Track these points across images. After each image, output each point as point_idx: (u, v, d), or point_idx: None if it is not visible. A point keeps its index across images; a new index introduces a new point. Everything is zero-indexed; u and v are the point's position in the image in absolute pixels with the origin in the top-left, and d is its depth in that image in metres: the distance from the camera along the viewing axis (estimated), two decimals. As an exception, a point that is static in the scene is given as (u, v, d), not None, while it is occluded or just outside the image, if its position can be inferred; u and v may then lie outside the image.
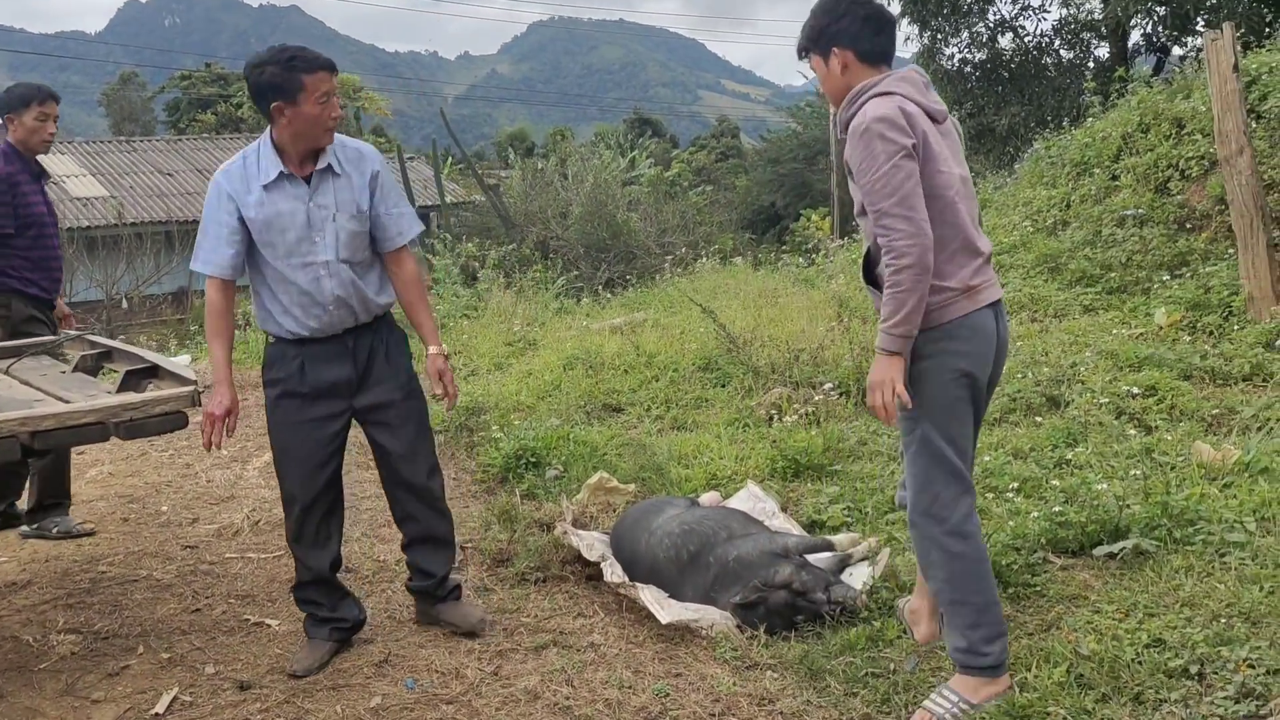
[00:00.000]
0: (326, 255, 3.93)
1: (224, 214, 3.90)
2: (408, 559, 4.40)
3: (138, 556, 5.36)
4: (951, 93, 23.09)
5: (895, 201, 3.15)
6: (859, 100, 3.33)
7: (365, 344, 4.09)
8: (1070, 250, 9.42)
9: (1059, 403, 6.40)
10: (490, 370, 8.35)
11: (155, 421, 3.87)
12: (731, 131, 65.60)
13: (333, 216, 3.94)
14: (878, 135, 3.17)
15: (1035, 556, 4.39)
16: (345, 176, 3.99)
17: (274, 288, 3.98)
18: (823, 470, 5.68)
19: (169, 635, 4.43)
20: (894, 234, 3.16)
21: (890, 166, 3.15)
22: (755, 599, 4.21)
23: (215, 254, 3.93)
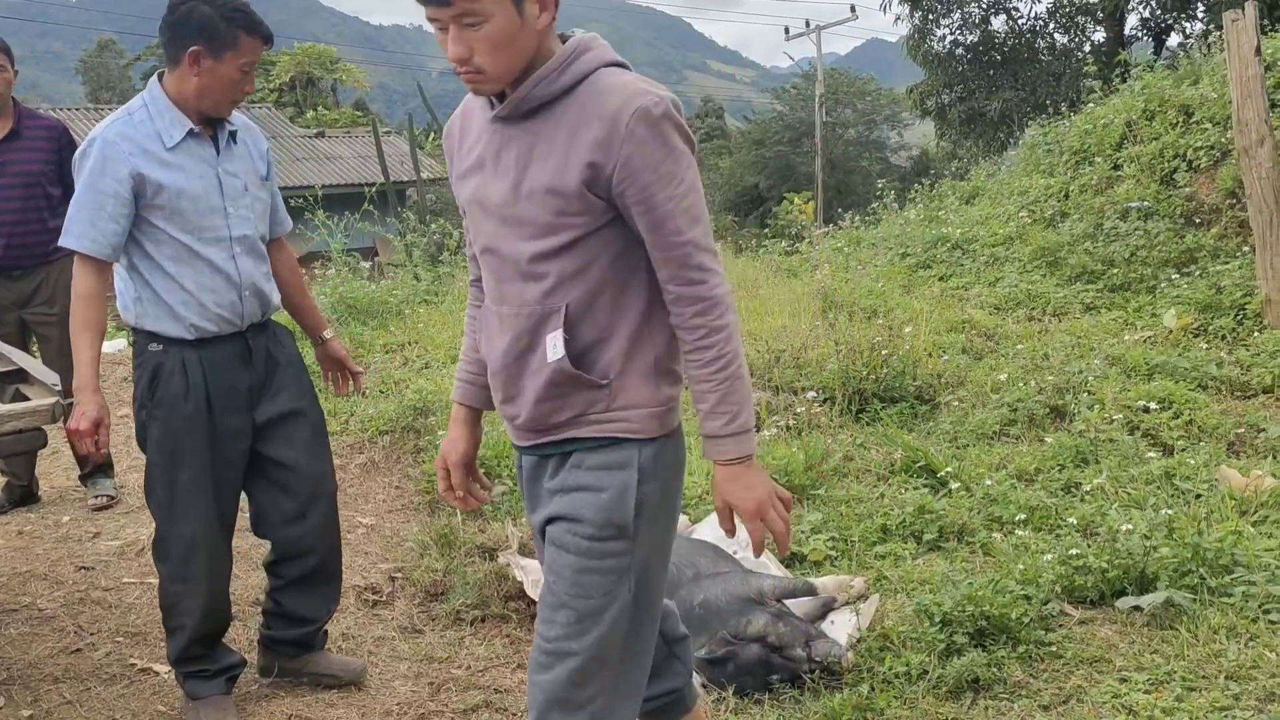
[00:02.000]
0: (242, 229, 3.36)
1: (113, 182, 3.18)
2: (273, 604, 3.69)
3: (24, 579, 4.71)
4: (942, 75, 22.55)
5: (705, 228, 2.16)
6: (589, 66, 2.13)
7: (263, 345, 3.49)
8: (1070, 244, 8.87)
9: (1064, 414, 5.83)
10: (445, 364, 7.70)
11: (6, 440, 3.22)
12: (716, 112, 64.86)
13: (245, 186, 3.39)
14: (677, 127, 2.10)
15: (1049, 607, 3.80)
16: (243, 145, 3.44)
17: (174, 270, 3.27)
18: (804, 492, 5.06)
19: (38, 684, 3.78)
20: (713, 278, 2.14)
21: (695, 176, 2.15)
22: (724, 654, 3.60)
23: (97, 229, 3.19)
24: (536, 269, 2.16)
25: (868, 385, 6.25)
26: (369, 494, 5.72)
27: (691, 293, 2.12)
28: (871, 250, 10.76)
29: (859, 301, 8.11)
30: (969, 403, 6.10)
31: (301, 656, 3.71)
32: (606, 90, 2.08)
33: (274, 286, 3.52)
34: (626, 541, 2.21)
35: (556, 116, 2.11)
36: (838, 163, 36.49)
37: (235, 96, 3.27)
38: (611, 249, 2.14)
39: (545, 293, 2.16)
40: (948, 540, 4.50)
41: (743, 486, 2.21)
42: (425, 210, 16.22)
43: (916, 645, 3.61)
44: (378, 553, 4.91)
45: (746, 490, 2.20)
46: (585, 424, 2.20)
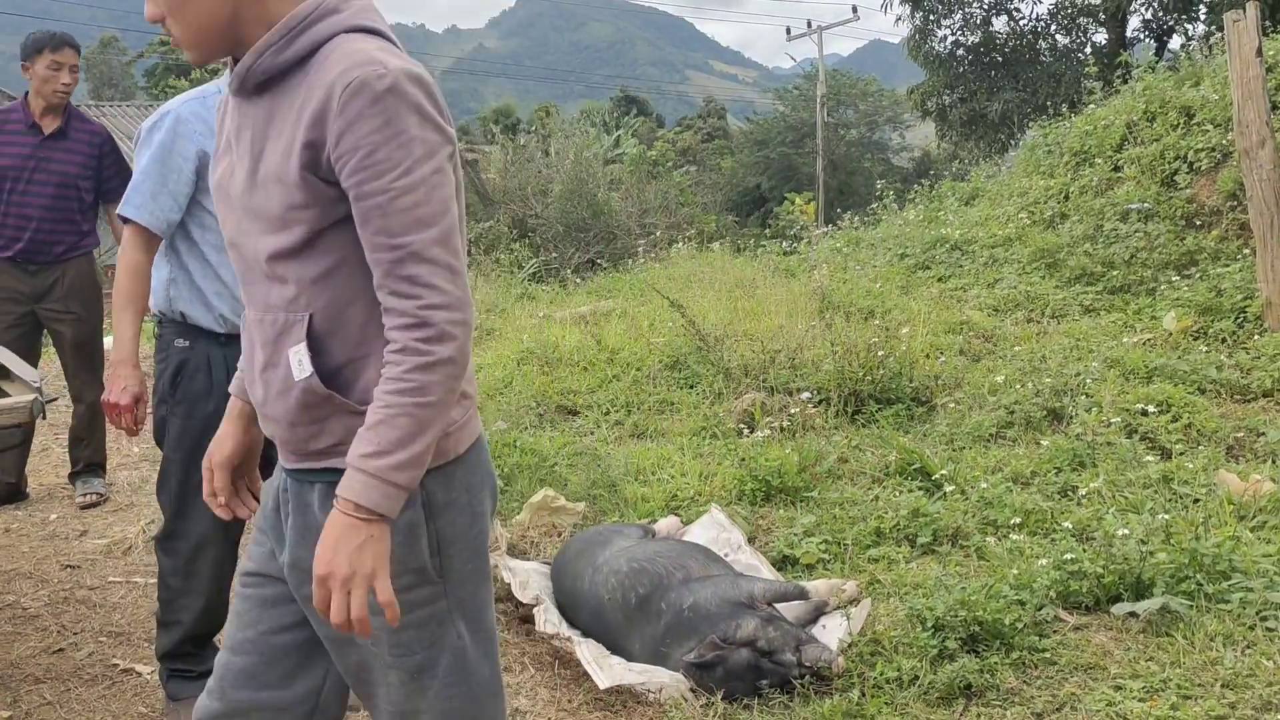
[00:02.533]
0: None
1: (180, 159, 3.13)
2: None
3: (8, 578, 4.66)
4: (943, 76, 22.48)
5: (438, 236, 1.75)
6: (327, 31, 1.81)
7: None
8: (1069, 245, 8.81)
9: (1062, 417, 5.77)
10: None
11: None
12: (718, 112, 64.79)
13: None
14: (414, 108, 1.74)
15: (1044, 613, 3.74)
16: None
17: (215, 259, 3.20)
18: (797, 495, 5.01)
19: (19, 684, 3.73)
20: (431, 295, 1.73)
21: (433, 171, 1.75)
22: (713, 658, 3.55)
23: (157, 203, 3.13)
24: (277, 270, 1.82)
25: (864, 386, 6.19)
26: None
27: (399, 306, 1.73)
28: (870, 251, 10.71)
29: (856, 302, 8.06)
30: (966, 405, 6.05)
31: None
32: (333, 59, 1.76)
33: None
34: (433, 586, 1.88)
35: (289, 92, 1.80)
36: (839, 163, 36.44)
37: None
38: (360, 250, 1.79)
39: (289, 300, 1.82)
40: (942, 544, 4.45)
41: (347, 544, 1.71)
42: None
43: (908, 650, 3.56)
44: (366, 553, 4.85)
45: (347, 550, 1.71)
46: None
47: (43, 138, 5.27)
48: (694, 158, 42.51)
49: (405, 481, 1.72)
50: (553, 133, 21.09)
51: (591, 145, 20.13)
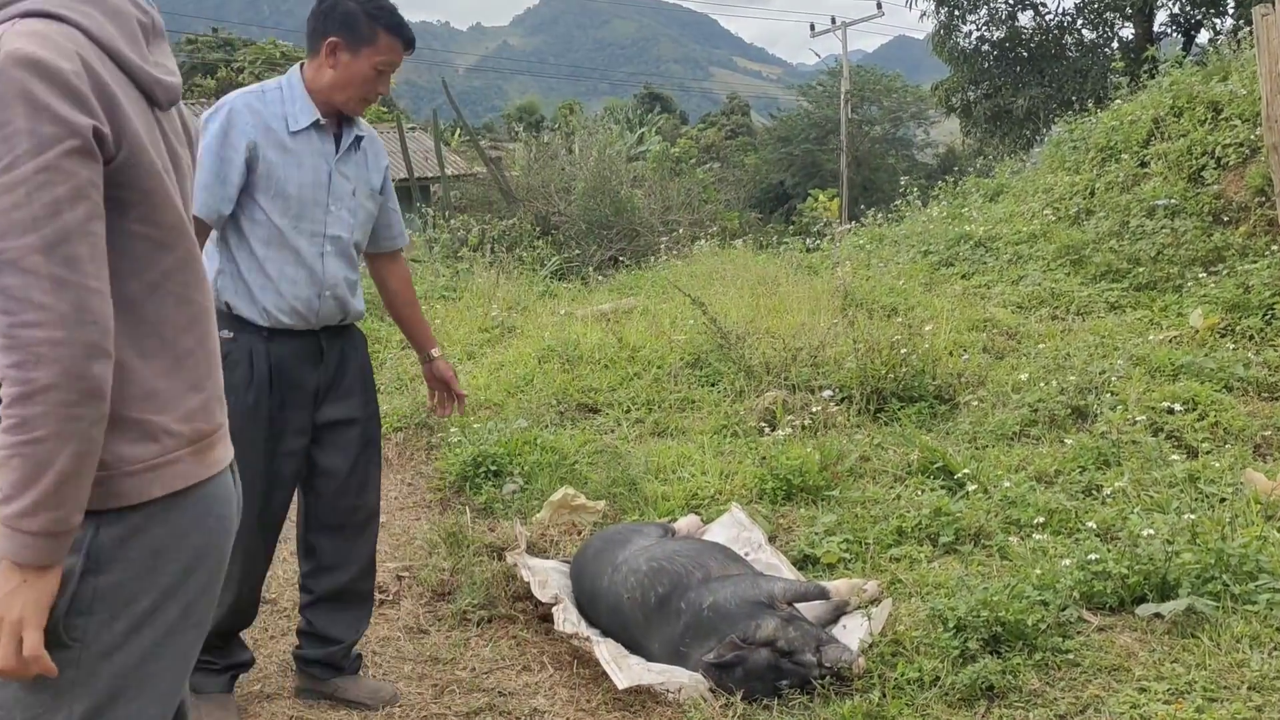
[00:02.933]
0: (338, 230, 3.34)
1: (231, 150, 3.17)
2: (305, 622, 3.61)
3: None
4: (968, 72, 22.36)
5: (39, 243, 1.51)
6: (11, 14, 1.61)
7: (337, 347, 3.46)
8: (1095, 242, 8.73)
9: (1086, 415, 5.72)
10: (461, 360, 7.66)
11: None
12: (742, 109, 64.76)
13: (354, 191, 3.38)
14: (23, 96, 1.51)
15: (1067, 613, 3.70)
16: (365, 154, 3.44)
17: (262, 253, 3.23)
18: (818, 494, 4.98)
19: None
20: (28, 312, 1.50)
21: (39, 169, 1.51)
22: (732, 658, 3.53)
23: (209, 192, 3.15)
24: None
25: (886, 384, 6.16)
26: (381, 491, 5.65)
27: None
28: (894, 248, 10.65)
29: (879, 299, 8.01)
30: (989, 403, 6.01)
31: (331, 680, 3.62)
32: None
33: (359, 296, 3.48)
34: (63, 650, 1.61)
35: None
36: (863, 160, 36.33)
37: (368, 95, 3.30)
38: None
39: None
40: (964, 543, 4.42)
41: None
42: (449, 206, 16.21)
43: (930, 651, 3.53)
44: (386, 551, 4.85)
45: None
46: None
47: None
48: (717, 154, 42.43)
49: (40, 528, 1.51)
50: (576, 130, 21.06)
51: (615, 142, 20.09)
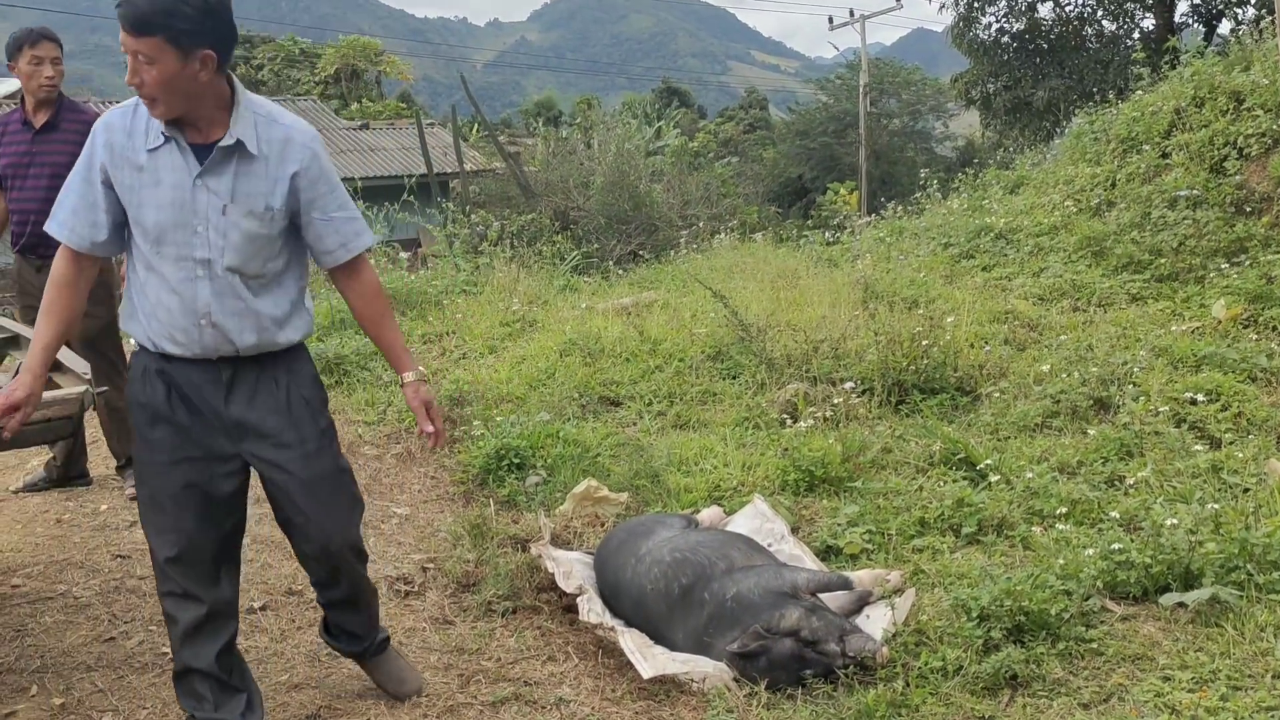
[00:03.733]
0: (206, 253, 2.97)
1: (93, 170, 2.98)
2: (326, 616, 3.59)
3: (60, 567, 4.73)
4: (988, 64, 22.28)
5: None
6: None
7: (251, 381, 3.11)
8: (1116, 233, 8.69)
9: (1108, 406, 5.71)
10: (482, 354, 7.69)
11: (35, 430, 3.21)
12: (760, 103, 64.63)
13: (223, 208, 2.96)
14: None
15: (1090, 603, 3.71)
16: (261, 161, 3.00)
17: (143, 276, 3.04)
18: (841, 485, 5.00)
19: (71, 672, 3.79)
20: None
21: None
22: (756, 648, 3.55)
23: (77, 217, 3.00)
24: None
25: (907, 376, 6.16)
26: (405, 484, 5.71)
27: None
28: (914, 240, 10.63)
29: (900, 292, 8.01)
30: (1011, 394, 6.00)
31: (363, 663, 3.62)
32: None
33: (277, 325, 3.10)
34: None
35: None
36: (882, 153, 36.19)
37: (131, 84, 2.88)
38: None
39: None
40: (987, 534, 4.42)
41: None
42: (468, 201, 16.24)
43: (953, 640, 3.54)
44: (411, 543, 4.89)
45: None
46: None
47: (35, 132, 5.31)
48: (736, 149, 42.40)
49: None
50: (594, 125, 21.07)
51: (633, 137, 20.09)
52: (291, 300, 3.15)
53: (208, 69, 2.84)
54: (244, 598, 4.30)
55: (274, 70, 51.76)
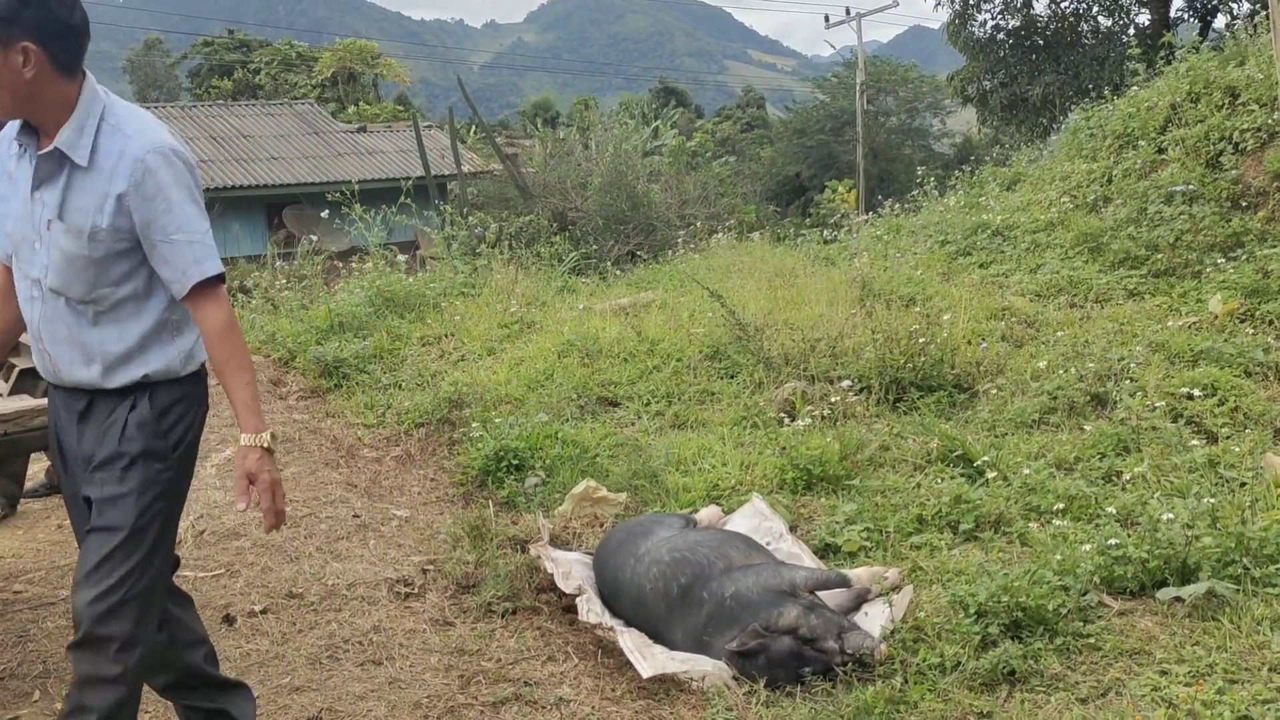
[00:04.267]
0: (36, 272, 2.75)
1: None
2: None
3: (62, 573, 4.74)
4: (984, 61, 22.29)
5: None
6: None
7: (104, 414, 2.78)
8: (1113, 229, 8.71)
9: (1105, 402, 5.72)
10: (481, 356, 7.69)
11: (35, 436, 3.23)
12: (757, 102, 64.63)
13: (48, 223, 2.70)
14: None
15: (1087, 598, 3.73)
16: (95, 174, 2.69)
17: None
18: (839, 483, 5.01)
19: (72, 677, 3.80)
20: None
21: None
22: (755, 646, 3.57)
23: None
24: None
25: (905, 374, 6.17)
26: (404, 486, 5.72)
27: None
28: (911, 238, 10.64)
29: (897, 290, 8.02)
30: (1008, 391, 6.02)
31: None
32: None
33: (93, 357, 2.76)
34: None
35: None
36: (880, 151, 36.20)
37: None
38: None
39: None
40: (984, 530, 4.44)
41: None
42: (466, 203, 16.24)
43: (951, 637, 3.56)
44: (411, 545, 4.91)
45: None
46: None
47: None
48: (733, 148, 42.37)
49: None
50: (592, 126, 21.09)
51: (630, 137, 20.12)
52: (144, 333, 2.78)
53: (32, 65, 2.58)
54: (244, 601, 4.33)
55: (271, 74, 51.76)
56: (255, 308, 9.58)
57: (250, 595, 4.39)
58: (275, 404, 7.04)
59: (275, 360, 7.90)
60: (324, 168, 27.79)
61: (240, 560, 4.74)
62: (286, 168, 27.88)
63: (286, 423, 6.59)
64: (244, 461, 2.78)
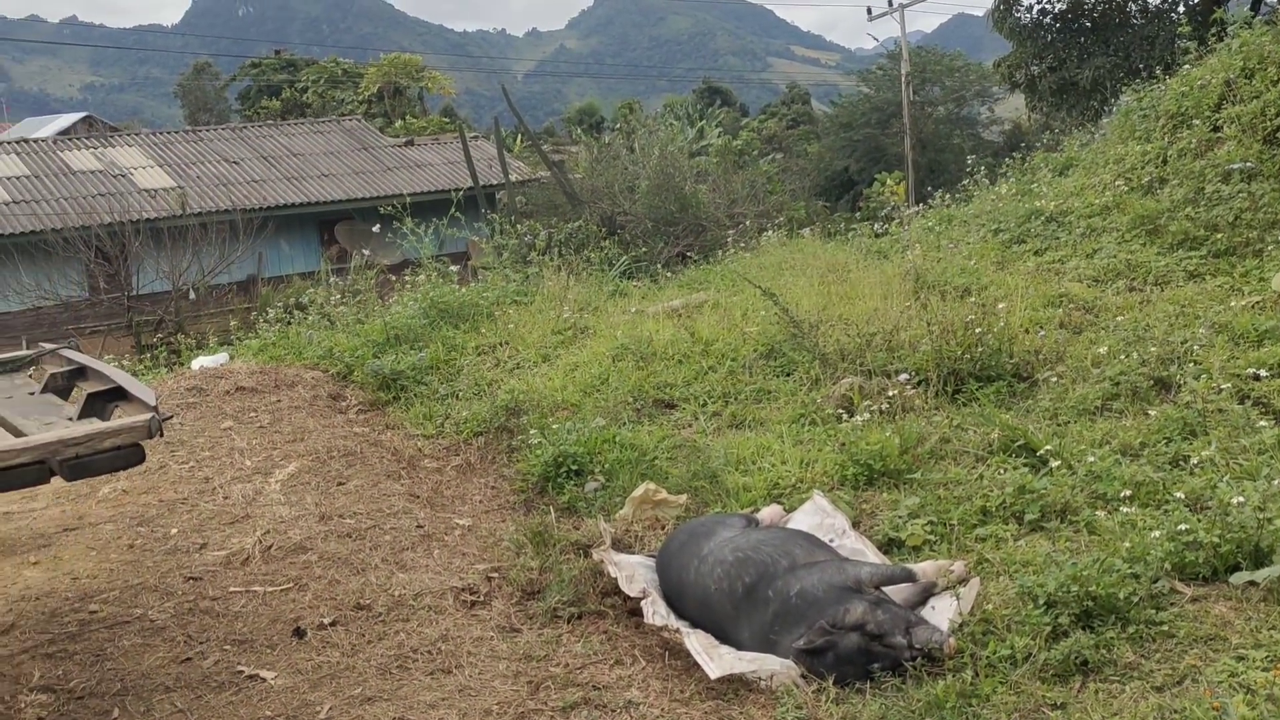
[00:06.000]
0: None
1: None
2: None
3: (135, 592, 4.83)
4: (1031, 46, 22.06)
5: None
6: None
7: None
8: (1170, 210, 8.58)
9: (1169, 386, 5.63)
10: (536, 363, 7.73)
11: (105, 458, 3.29)
12: (802, 98, 64.39)
13: None
14: None
15: (1159, 585, 3.68)
16: None
17: None
18: (900, 477, 4.98)
19: (150, 694, 3.87)
20: None
21: None
22: (822, 643, 3.56)
23: None
24: None
25: (962, 365, 6.12)
26: (465, 495, 5.76)
27: None
28: (963, 228, 10.55)
29: (951, 280, 7.95)
30: (1068, 378, 5.94)
31: None
32: None
33: None
34: None
35: None
36: (928, 142, 35.93)
37: None
38: None
39: None
40: (1050, 520, 4.39)
41: None
42: (514, 211, 16.33)
43: (1021, 628, 3.53)
44: (475, 553, 4.94)
45: None
46: None
47: None
48: (780, 145, 42.29)
49: None
50: (636, 129, 21.13)
51: (676, 139, 20.12)
52: None
53: None
54: (313, 614, 4.38)
55: (318, 92, 52.39)
56: (311, 323, 9.69)
57: (319, 608, 4.44)
58: (335, 418, 7.13)
59: (333, 375, 7.99)
60: (373, 182, 28.05)
61: (308, 574, 4.80)
62: (337, 184, 28.18)
63: (347, 436, 6.66)
64: None
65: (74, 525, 5.78)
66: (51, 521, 5.84)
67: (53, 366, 4.39)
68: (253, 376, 7.91)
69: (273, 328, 10.10)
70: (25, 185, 25.54)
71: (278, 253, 25.61)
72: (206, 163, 29.10)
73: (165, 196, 26.12)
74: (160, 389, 7.55)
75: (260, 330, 10.37)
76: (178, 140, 31.34)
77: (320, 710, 3.71)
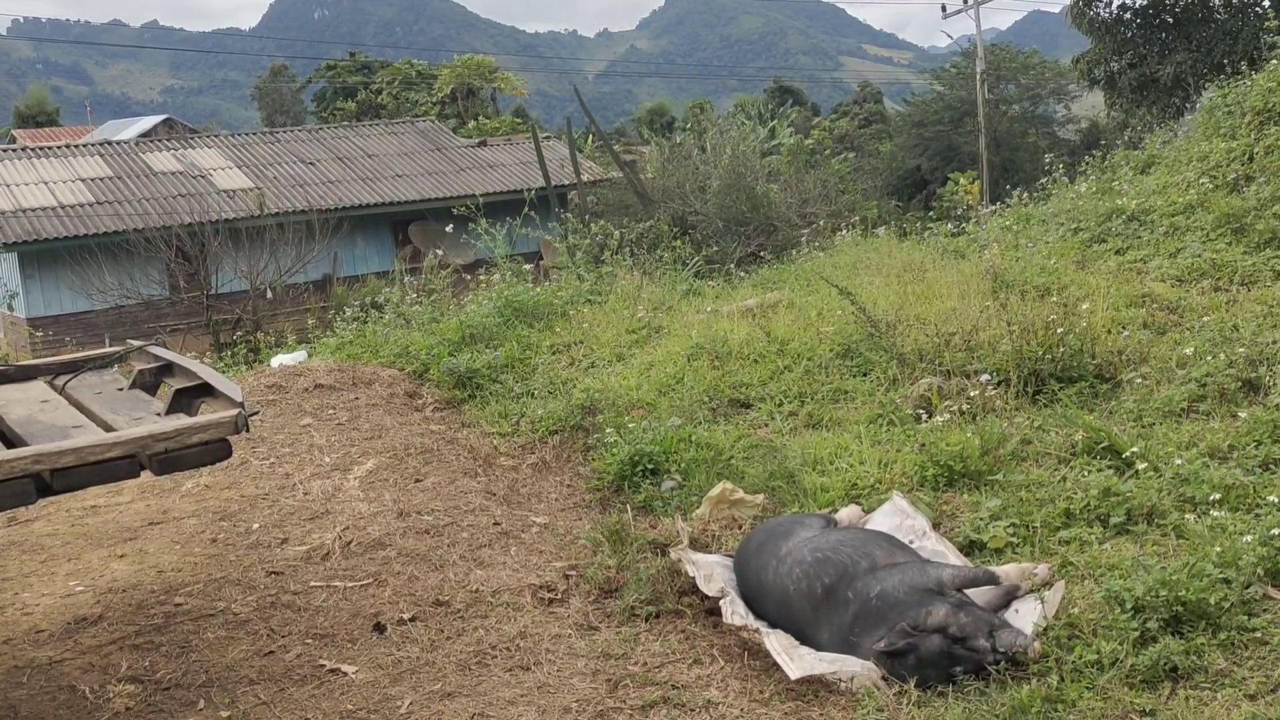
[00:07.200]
0: None
1: None
2: None
3: (218, 585, 4.91)
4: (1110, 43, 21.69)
5: None
6: None
7: None
8: (1257, 208, 8.38)
9: (1258, 388, 5.51)
10: (610, 362, 7.75)
11: (193, 453, 3.35)
12: (874, 97, 63.93)
13: None
14: None
15: (1251, 591, 3.60)
16: None
17: None
18: (981, 479, 4.92)
19: (234, 686, 3.94)
20: None
21: None
22: (904, 646, 3.52)
23: None
24: None
25: (1043, 365, 6.03)
26: (541, 493, 5.79)
27: None
28: (1042, 227, 10.39)
29: (1030, 280, 7.83)
30: (1153, 379, 5.83)
31: None
32: None
33: None
34: None
35: None
36: (1002, 140, 35.49)
37: None
38: None
39: None
40: (1136, 523, 4.31)
41: None
42: (586, 211, 16.40)
43: (1107, 633, 3.47)
44: (551, 551, 4.96)
45: None
46: None
47: None
48: (852, 144, 42.02)
49: None
50: (707, 129, 21.11)
51: (747, 138, 20.09)
52: None
53: None
54: (393, 609, 4.42)
55: (392, 94, 52.97)
56: (388, 323, 9.80)
57: (399, 604, 4.48)
58: (412, 415, 7.19)
59: (410, 373, 8.06)
60: (447, 183, 28.26)
61: (387, 570, 4.85)
62: (411, 185, 28.45)
63: (424, 433, 6.73)
64: None
65: (159, 519, 5.89)
66: (137, 515, 5.95)
67: (140, 363, 4.47)
68: (331, 374, 8.01)
69: (350, 326, 10.22)
70: (108, 186, 26.08)
71: (352, 252, 25.95)
72: (283, 164, 29.52)
73: (243, 197, 26.52)
74: (241, 386, 7.66)
75: (337, 329, 10.50)
76: (255, 142, 31.82)
77: (401, 705, 3.75)
